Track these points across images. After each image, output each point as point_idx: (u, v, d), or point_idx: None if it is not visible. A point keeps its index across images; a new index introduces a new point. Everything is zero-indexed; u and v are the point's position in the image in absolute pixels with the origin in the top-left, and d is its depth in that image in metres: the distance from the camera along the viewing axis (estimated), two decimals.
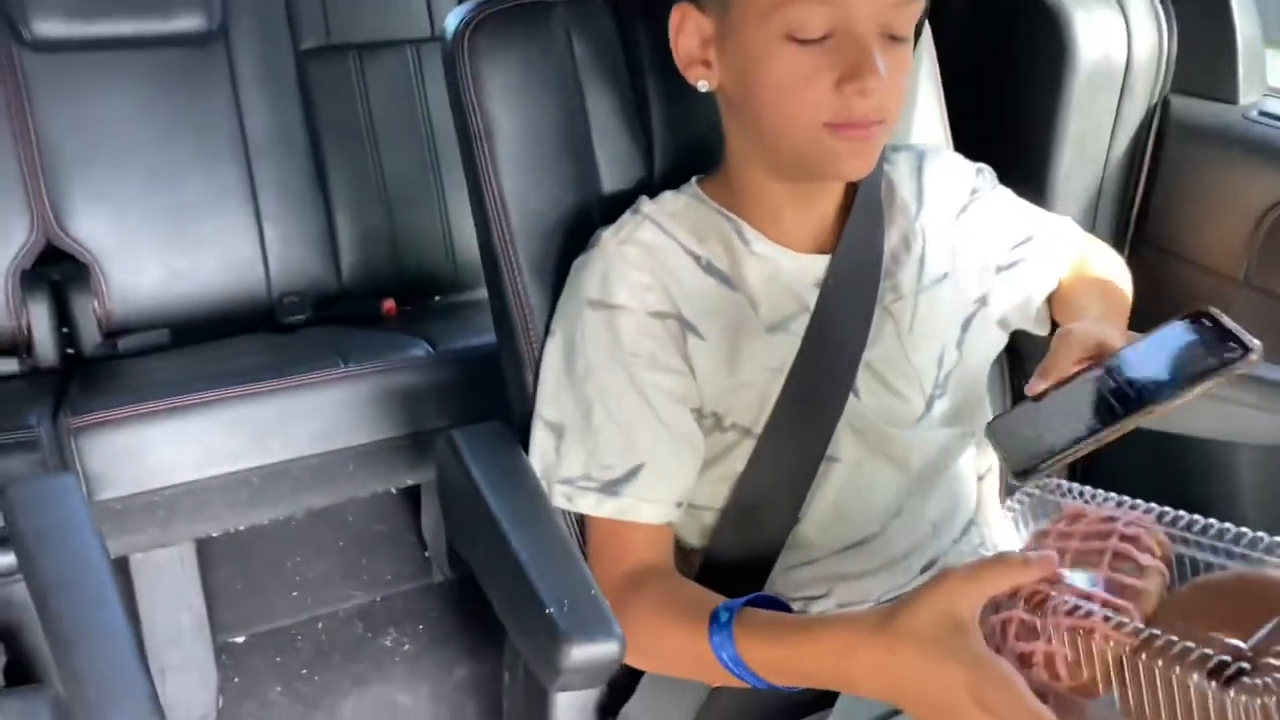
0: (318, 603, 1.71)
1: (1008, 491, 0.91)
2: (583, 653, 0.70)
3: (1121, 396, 0.69)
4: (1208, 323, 0.69)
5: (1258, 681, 0.53)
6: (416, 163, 1.81)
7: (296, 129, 1.74)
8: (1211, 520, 0.66)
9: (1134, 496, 0.72)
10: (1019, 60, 1.24)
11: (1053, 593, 0.62)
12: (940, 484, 0.90)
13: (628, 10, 0.99)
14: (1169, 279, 1.19)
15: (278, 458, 1.38)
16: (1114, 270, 1.00)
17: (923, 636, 0.63)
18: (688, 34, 0.82)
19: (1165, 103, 1.21)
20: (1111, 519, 0.67)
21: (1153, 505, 0.67)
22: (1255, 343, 0.66)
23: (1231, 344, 0.67)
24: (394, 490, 1.50)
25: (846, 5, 0.74)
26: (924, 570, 0.90)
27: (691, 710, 0.85)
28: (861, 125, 0.77)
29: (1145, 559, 0.64)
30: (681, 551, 0.90)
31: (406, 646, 1.65)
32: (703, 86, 0.83)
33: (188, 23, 1.69)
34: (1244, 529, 0.66)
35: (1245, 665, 0.54)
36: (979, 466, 0.95)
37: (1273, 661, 0.54)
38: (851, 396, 0.86)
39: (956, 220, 0.94)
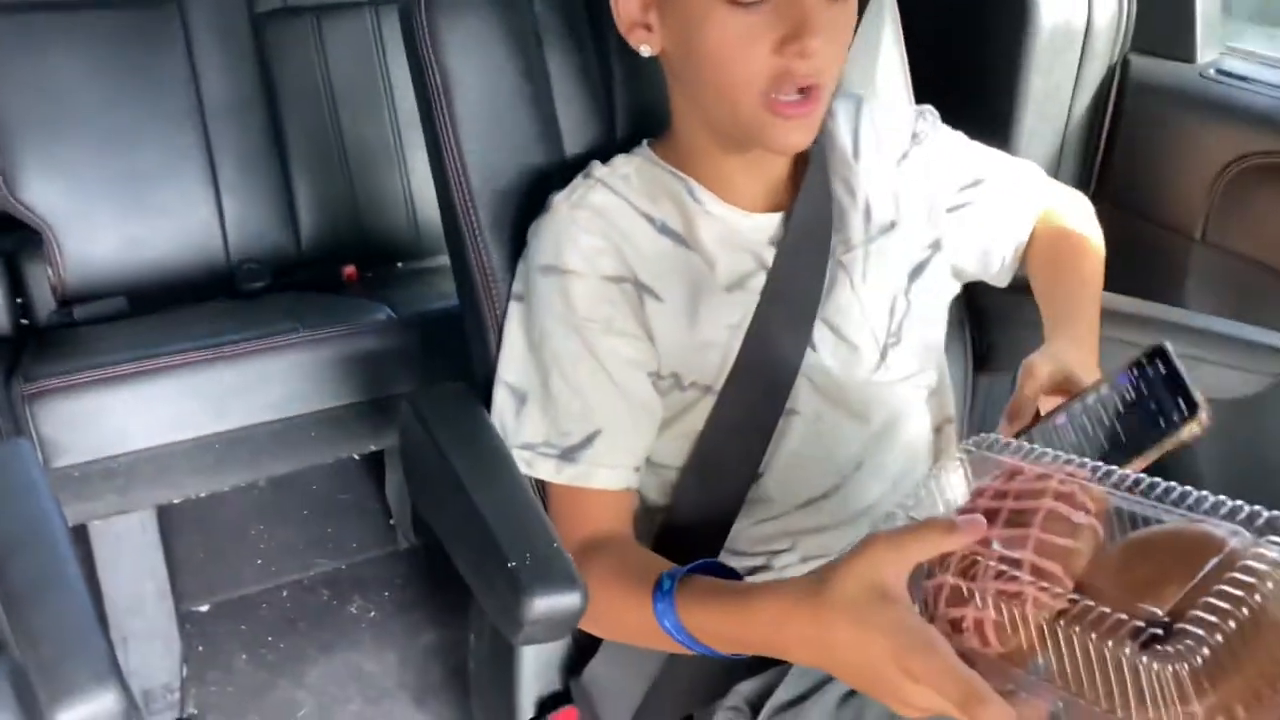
0: (282, 570, 1.71)
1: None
2: (545, 604, 0.70)
3: (1080, 455, 0.68)
4: (1162, 368, 0.69)
5: (1170, 648, 0.52)
6: (377, 127, 1.79)
7: (254, 93, 1.71)
8: (1154, 479, 0.63)
9: None
10: (981, 20, 1.24)
11: (982, 557, 0.60)
12: (899, 437, 0.91)
13: None
14: (1129, 236, 1.20)
15: (239, 423, 1.37)
16: (1085, 231, 0.98)
17: (849, 605, 0.62)
18: None
19: (1125, 62, 1.22)
20: (1046, 476, 0.64)
21: (1090, 462, 0.64)
22: (1202, 406, 0.66)
23: (1180, 400, 0.67)
24: (357, 457, 1.50)
25: None
26: (883, 522, 0.90)
27: (653, 670, 0.85)
28: (799, 103, 0.76)
29: (1079, 516, 0.61)
30: (645, 509, 0.90)
31: (372, 613, 1.65)
32: (645, 51, 0.81)
33: None
34: (1186, 488, 0.63)
35: (1159, 631, 0.53)
36: (936, 418, 0.96)
37: (1187, 627, 0.52)
38: (809, 350, 0.87)
39: (899, 166, 0.93)
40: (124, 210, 1.62)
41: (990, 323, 1.10)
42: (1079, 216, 0.99)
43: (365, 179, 1.77)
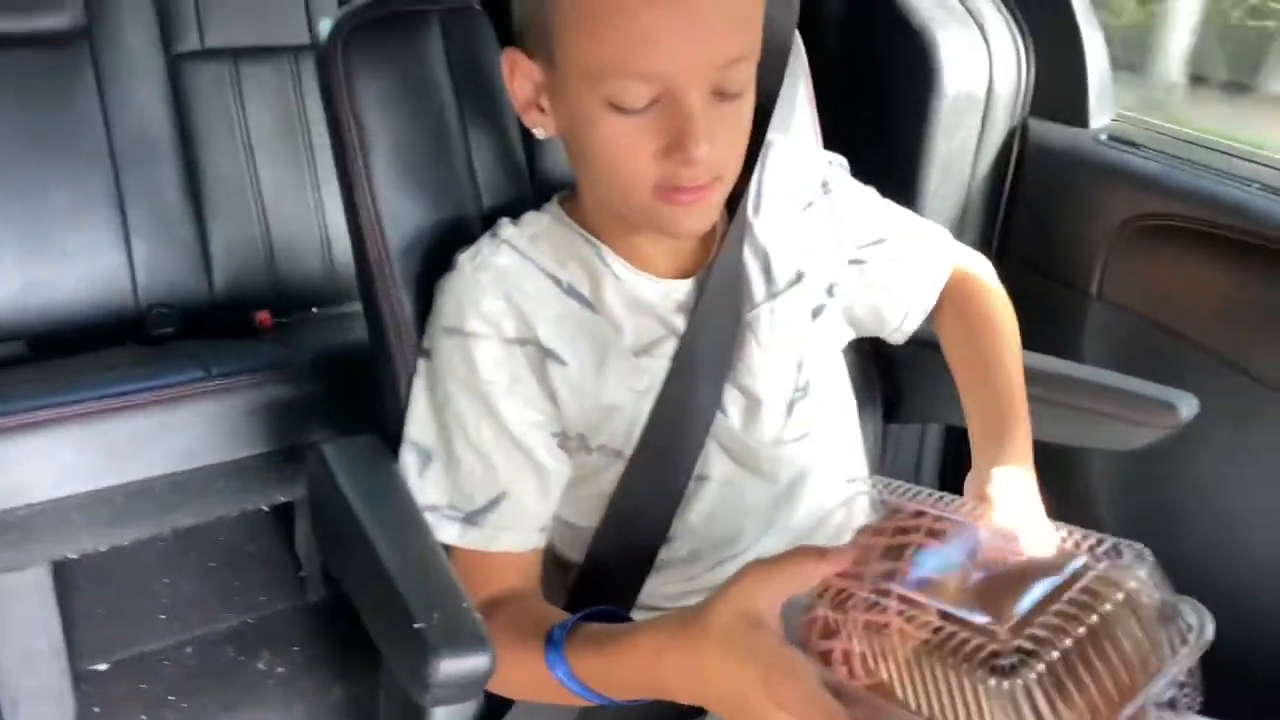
0: (186, 626, 1.65)
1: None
2: (452, 666, 0.69)
3: None
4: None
5: (1015, 670, 0.53)
6: (294, 171, 1.77)
7: (168, 135, 1.68)
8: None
9: None
10: (889, 85, 1.28)
11: (855, 590, 0.62)
12: (807, 493, 0.91)
13: (507, 22, 0.99)
14: (1031, 292, 1.24)
15: (142, 475, 1.32)
16: (999, 310, 0.98)
17: (722, 633, 0.63)
18: (519, 80, 0.79)
19: (1024, 125, 1.27)
20: (921, 514, 0.66)
21: (963, 500, 0.67)
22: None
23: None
24: (266, 507, 1.46)
25: (667, 76, 0.70)
26: None
27: None
28: (692, 191, 0.75)
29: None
30: (558, 564, 0.89)
31: (280, 669, 1.59)
32: (539, 133, 0.80)
33: (49, 21, 1.61)
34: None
35: (1012, 657, 0.54)
36: (846, 472, 0.97)
37: (1027, 645, 0.54)
38: (719, 414, 0.87)
39: (804, 213, 0.93)
40: (28, 253, 1.57)
41: (899, 373, 1.13)
42: (990, 291, 0.99)
43: (281, 223, 1.75)
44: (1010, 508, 0.78)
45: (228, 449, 1.37)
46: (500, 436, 0.81)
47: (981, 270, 1.02)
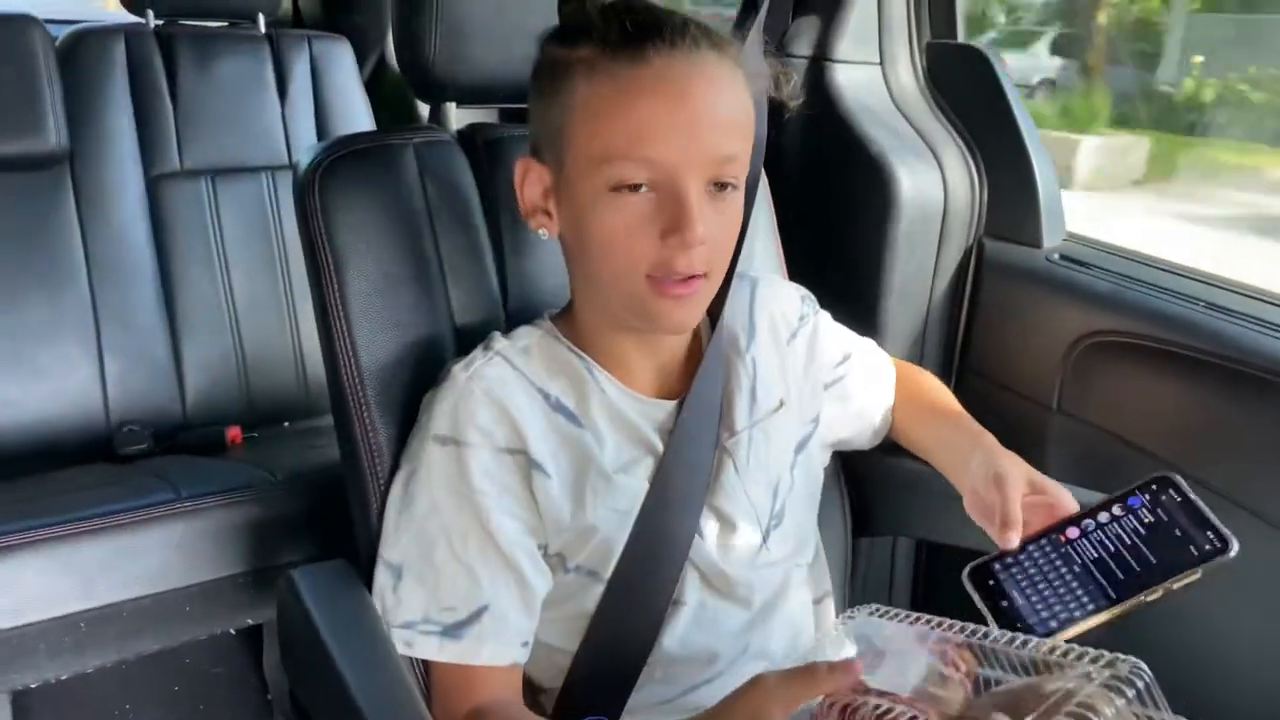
0: None
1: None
2: None
3: (1108, 572, 0.71)
4: (1176, 496, 0.73)
5: None
6: (269, 287, 1.79)
7: (144, 253, 1.71)
8: (1019, 636, 0.69)
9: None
10: (848, 207, 1.33)
11: (861, 700, 0.64)
12: (781, 616, 0.92)
13: (479, 151, 1.03)
14: (993, 405, 1.27)
15: (108, 600, 1.29)
16: (937, 387, 1.07)
17: None
18: (530, 184, 0.84)
19: (980, 245, 1.32)
20: (922, 639, 0.70)
21: (961, 623, 0.70)
22: (1232, 538, 0.69)
23: (1209, 533, 0.70)
24: (234, 630, 1.43)
25: (664, 163, 0.77)
26: None
27: None
28: (683, 282, 0.79)
29: (949, 671, 0.67)
30: (534, 693, 0.89)
31: None
32: (543, 235, 0.86)
33: (31, 145, 1.65)
34: (1044, 639, 0.69)
35: None
36: (816, 591, 0.98)
37: None
38: (696, 538, 0.88)
39: (788, 346, 0.98)
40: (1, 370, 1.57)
41: (866, 486, 1.14)
42: (923, 376, 1.08)
43: (255, 337, 1.76)
44: (1023, 479, 0.81)
45: (197, 571, 1.35)
46: (486, 547, 0.81)
47: (919, 371, 1.10)
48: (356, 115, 1.92)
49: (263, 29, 1.88)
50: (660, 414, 0.89)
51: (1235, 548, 0.69)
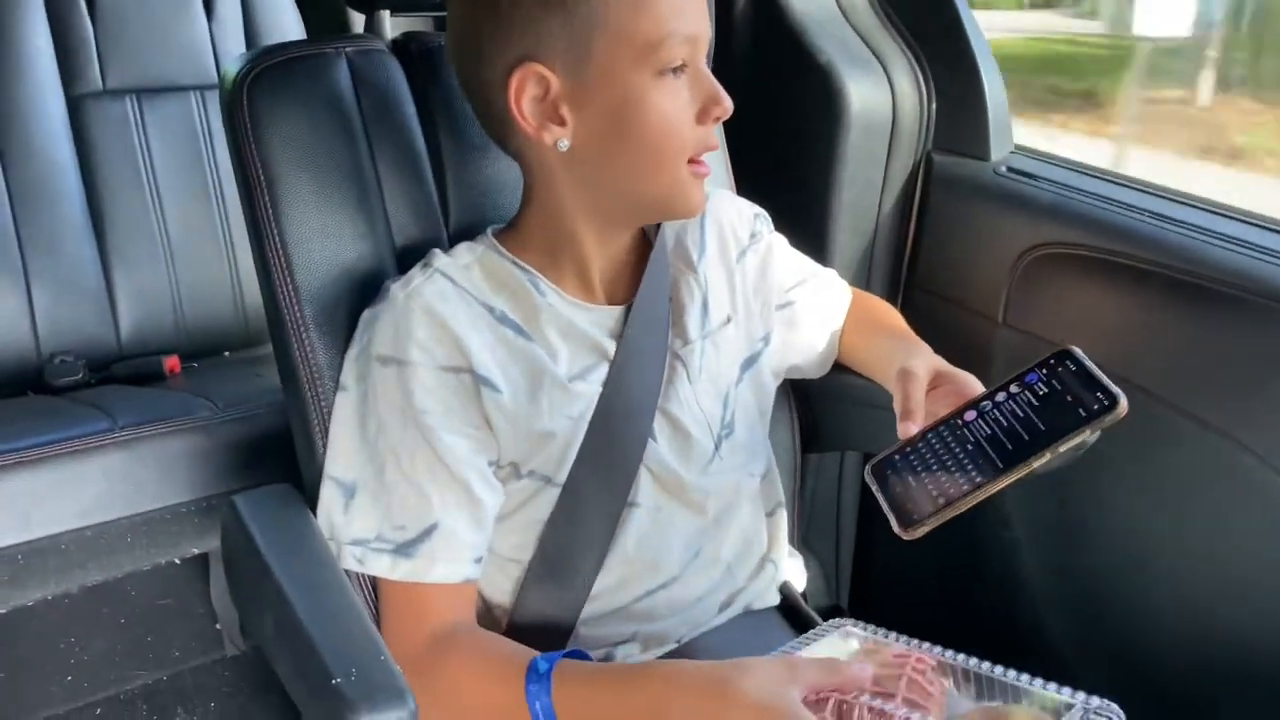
0: (96, 686, 1.58)
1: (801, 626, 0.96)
2: None
3: (998, 445, 0.71)
4: (1071, 366, 0.73)
5: None
6: (203, 213, 1.73)
7: (69, 177, 1.64)
8: (993, 665, 0.75)
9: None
10: (796, 120, 1.31)
11: (856, 699, 0.69)
12: (733, 524, 0.93)
13: (416, 62, 0.99)
14: (939, 319, 1.28)
15: (46, 532, 1.27)
16: (889, 311, 1.08)
17: (755, 690, 0.67)
18: (530, 95, 0.80)
19: (929, 159, 1.31)
20: (904, 656, 0.75)
21: (935, 647, 0.77)
22: (1120, 395, 0.69)
23: (1098, 394, 0.69)
24: (179, 560, 1.41)
25: (698, 39, 0.80)
26: (722, 608, 0.93)
27: None
28: (704, 163, 0.83)
29: (932, 688, 0.73)
30: (489, 608, 0.88)
31: None
32: (562, 146, 0.81)
33: None
34: (1010, 670, 0.75)
35: None
36: (768, 503, 0.99)
37: None
38: (650, 441, 0.88)
39: (738, 263, 0.98)
40: None
41: (815, 402, 1.15)
42: (880, 305, 1.09)
43: (190, 266, 1.71)
44: (930, 368, 0.83)
45: (137, 502, 1.33)
46: (434, 466, 0.80)
47: (876, 300, 1.12)
48: (288, 29, 1.85)
49: None
50: (609, 320, 0.89)
51: (1123, 404, 0.69)
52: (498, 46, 0.80)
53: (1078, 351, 0.74)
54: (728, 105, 0.81)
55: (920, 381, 0.81)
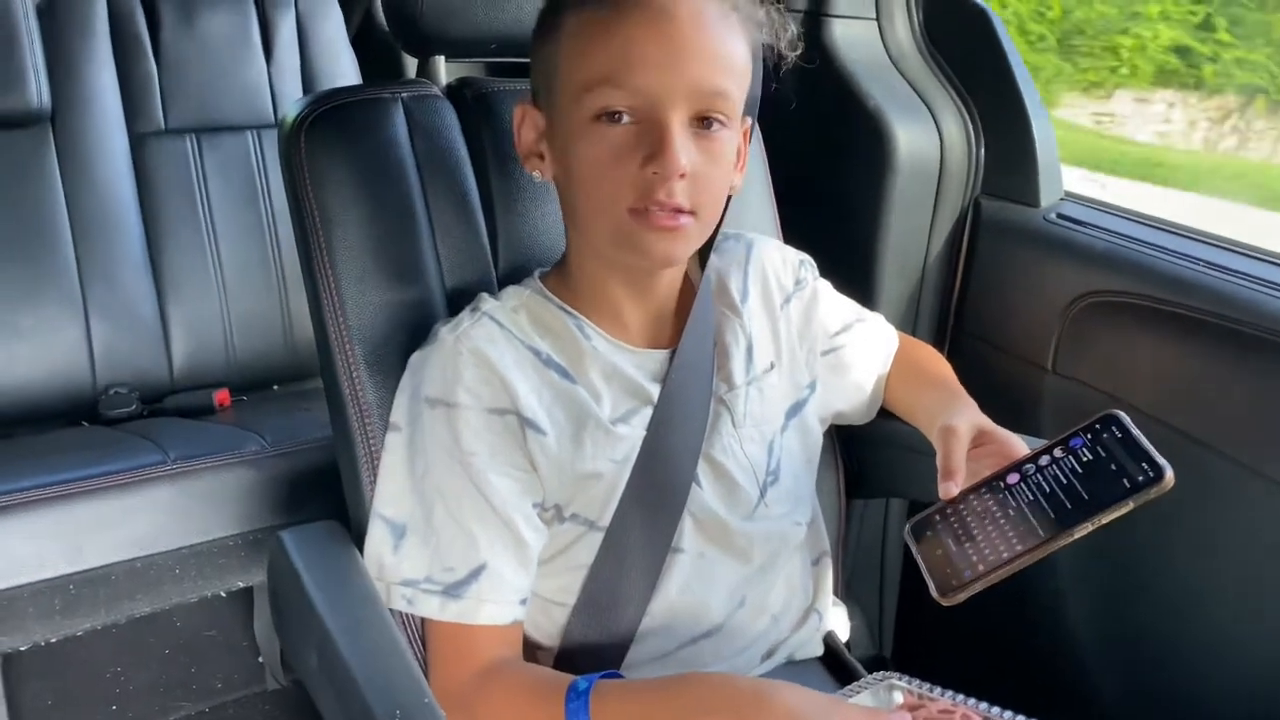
0: (140, 716, 1.59)
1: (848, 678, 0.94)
2: None
3: (1040, 512, 0.70)
4: (1117, 432, 0.71)
5: None
6: (256, 248, 1.77)
7: (129, 213, 1.68)
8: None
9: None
10: (844, 165, 1.32)
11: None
12: (779, 573, 0.92)
13: (469, 106, 1.01)
14: (987, 367, 1.27)
15: (96, 563, 1.29)
16: (934, 357, 1.07)
17: (795, 702, 0.68)
18: (526, 129, 0.86)
19: (977, 204, 1.30)
20: (949, 711, 0.74)
21: (981, 703, 0.75)
22: (1167, 467, 0.68)
23: (1144, 464, 0.68)
24: (224, 593, 1.43)
25: (647, 92, 0.77)
26: (765, 657, 0.92)
27: None
28: (669, 215, 0.79)
29: None
30: (533, 649, 0.88)
31: None
32: (537, 177, 0.87)
33: (12, 103, 1.61)
34: None
35: None
36: (813, 551, 0.98)
37: None
38: (694, 486, 0.88)
39: (781, 310, 0.97)
40: None
41: (860, 448, 1.14)
42: (927, 352, 1.08)
43: (242, 300, 1.74)
44: (972, 427, 0.82)
45: (186, 534, 1.34)
46: (481, 507, 0.81)
47: (923, 346, 1.10)
48: (343, 73, 1.89)
49: None
50: (653, 363, 0.89)
51: (1169, 478, 0.67)
52: (526, 87, 0.88)
53: (1123, 417, 0.73)
54: (669, 163, 0.76)
55: (963, 440, 0.80)
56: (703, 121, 0.79)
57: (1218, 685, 1.09)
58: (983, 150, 1.29)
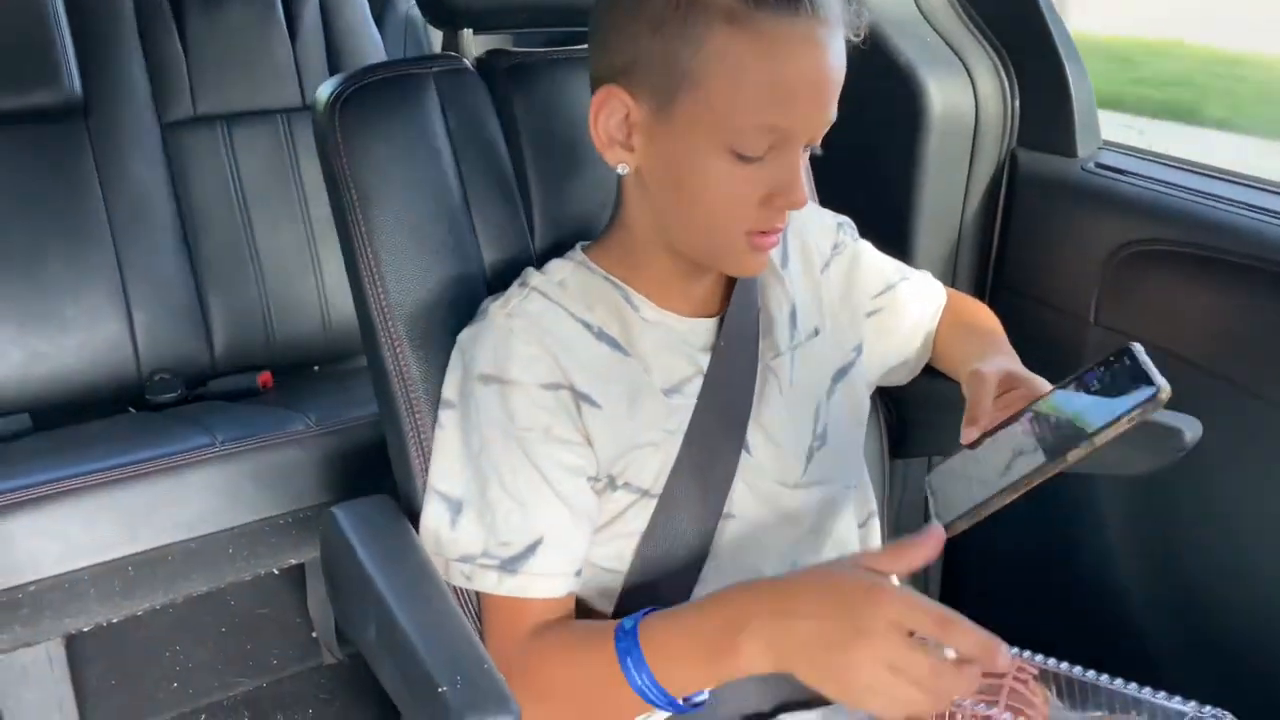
0: (200, 693, 1.63)
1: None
2: None
3: (1043, 442, 0.71)
4: (1127, 361, 0.72)
5: None
6: (290, 231, 1.78)
7: (164, 202, 1.70)
8: (1087, 671, 0.74)
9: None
10: (877, 123, 1.30)
11: (959, 706, 0.69)
12: (828, 536, 0.93)
13: (501, 78, 1.01)
14: (1028, 320, 1.25)
15: (152, 544, 1.32)
16: (981, 311, 1.06)
17: (821, 571, 0.69)
18: (609, 114, 0.80)
19: (1013, 156, 1.29)
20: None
21: (1037, 655, 0.75)
22: (1163, 384, 0.68)
23: (1142, 385, 0.69)
24: (277, 570, 1.46)
25: (789, 130, 0.75)
26: None
27: None
28: (774, 236, 0.80)
29: (1035, 697, 0.72)
30: (585, 617, 0.89)
31: None
32: (621, 169, 0.82)
33: (44, 97, 1.64)
34: (1116, 679, 0.74)
35: None
36: (860, 514, 0.98)
37: None
38: (744, 453, 0.88)
39: (822, 274, 0.97)
40: (28, 326, 1.58)
41: (902, 407, 1.14)
42: (974, 305, 1.07)
43: (279, 283, 1.76)
44: (1000, 372, 0.82)
45: (237, 514, 1.37)
46: (536, 482, 0.81)
47: (970, 301, 1.09)
48: (369, 52, 1.90)
49: None
50: (702, 332, 0.89)
51: (1165, 394, 0.68)
52: (605, 51, 0.80)
53: (1136, 347, 0.73)
54: (799, 199, 0.77)
55: (989, 384, 0.81)
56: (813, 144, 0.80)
57: (1270, 637, 1.08)
58: (1018, 101, 1.27)
